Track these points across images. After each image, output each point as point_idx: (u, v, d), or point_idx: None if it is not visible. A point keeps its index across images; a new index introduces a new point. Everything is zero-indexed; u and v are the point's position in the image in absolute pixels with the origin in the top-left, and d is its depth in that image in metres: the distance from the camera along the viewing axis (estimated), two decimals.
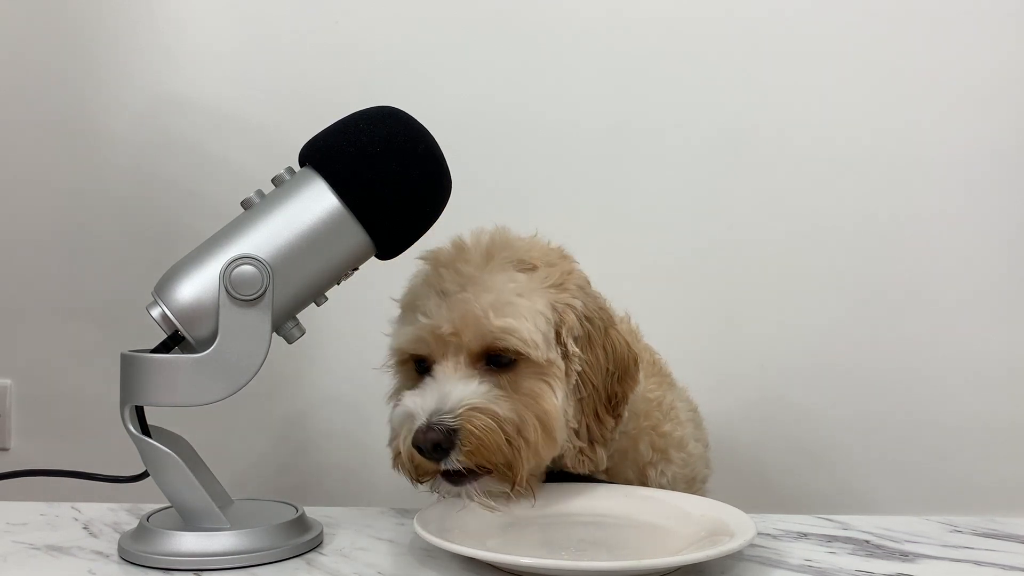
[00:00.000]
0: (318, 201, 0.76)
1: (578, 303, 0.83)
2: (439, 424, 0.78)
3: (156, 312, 0.75)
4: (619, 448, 0.90)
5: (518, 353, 0.81)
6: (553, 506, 0.85)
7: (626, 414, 0.87)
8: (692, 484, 0.96)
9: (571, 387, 0.82)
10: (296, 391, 1.48)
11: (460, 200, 0.85)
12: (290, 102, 1.46)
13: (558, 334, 0.82)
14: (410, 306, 0.86)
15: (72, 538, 0.82)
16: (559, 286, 0.84)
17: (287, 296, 0.76)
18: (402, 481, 0.95)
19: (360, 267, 0.81)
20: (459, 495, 0.81)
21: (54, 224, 1.50)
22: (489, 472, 0.80)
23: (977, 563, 0.77)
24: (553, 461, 0.85)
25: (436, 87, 1.45)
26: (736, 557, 0.76)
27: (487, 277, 0.82)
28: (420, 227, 0.80)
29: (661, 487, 0.92)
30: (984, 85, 1.43)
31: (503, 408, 0.79)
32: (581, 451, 0.84)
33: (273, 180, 0.79)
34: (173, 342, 0.75)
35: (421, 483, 0.83)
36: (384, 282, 0.90)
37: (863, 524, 0.88)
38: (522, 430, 0.80)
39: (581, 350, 0.83)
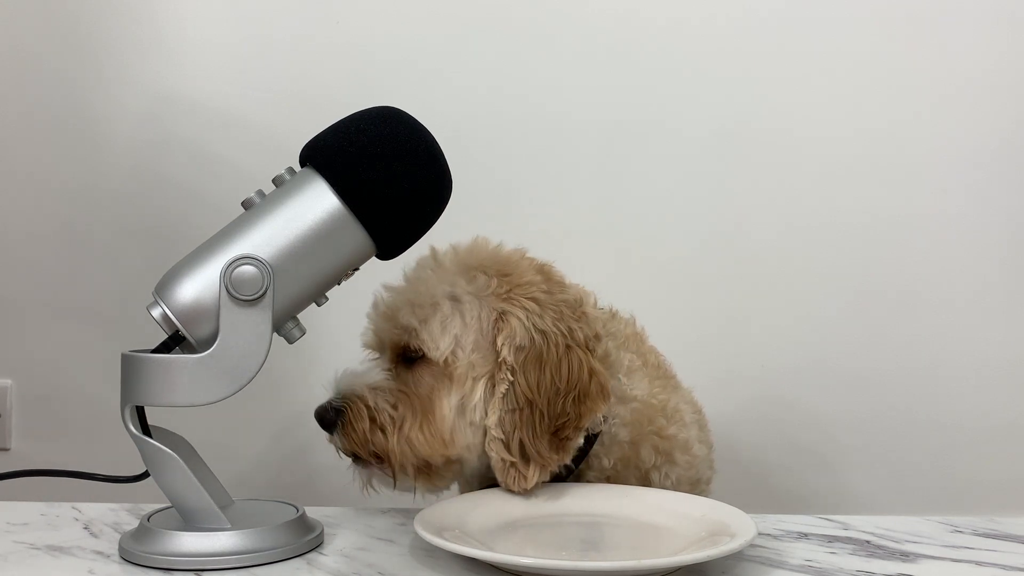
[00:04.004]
0: (319, 201, 0.76)
1: (522, 314, 0.83)
2: (329, 404, 0.85)
3: (157, 312, 0.75)
4: (622, 456, 0.90)
5: (421, 351, 0.84)
6: (553, 506, 0.85)
7: (580, 440, 0.85)
8: (696, 486, 0.95)
9: (501, 395, 0.82)
10: (296, 391, 1.47)
11: (461, 200, 0.85)
12: (290, 102, 1.46)
13: (495, 341, 0.83)
14: None
15: (72, 538, 0.82)
16: (504, 295, 0.84)
17: (288, 296, 0.76)
18: None
19: (361, 267, 0.81)
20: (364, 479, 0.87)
21: (54, 224, 1.50)
22: (370, 462, 0.85)
23: (977, 563, 0.77)
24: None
25: (437, 87, 1.45)
26: (737, 557, 0.76)
27: (428, 278, 0.87)
28: (421, 227, 0.80)
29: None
30: (984, 84, 1.43)
31: (379, 400, 0.84)
32: (513, 466, 0.83)
33: (274, 180, 0.79)
34: (174, 342, 0.75)
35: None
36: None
37: (863, 524, 0.88)
38: (401, 425, 0.83)
39: (522, 363, 0.82)
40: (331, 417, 0.85)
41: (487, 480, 0.88)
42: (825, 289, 1.45)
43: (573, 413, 0.83)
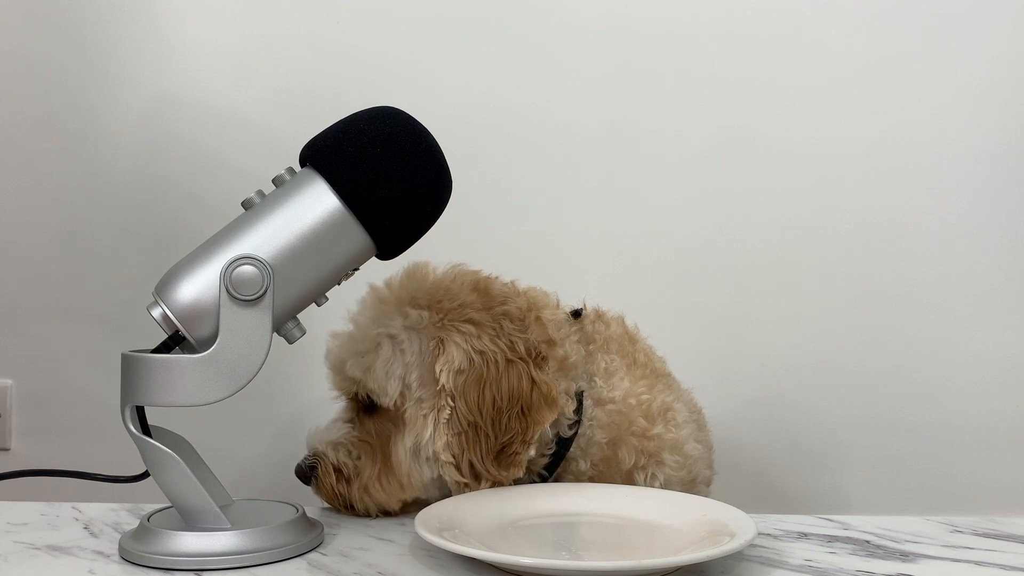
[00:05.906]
0: (319, 201, 0.76)
1: (459, 338, 0.84)
2: (304, 462, 0.91)
3: (157, 312, 0.75)
4: (602, 458, 0.91)
5: (371, 400, 0.88)
6: (553, 506, 0.85)
7: (531, 452, 0.85)
8: (692, 486, 0.95)
9: (445, 420, 0.84)
10: (296, 391, 1.48)
11: (461, 200, 0.85)
12: (290, 102, 1.46)
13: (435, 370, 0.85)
14: None
15: (73, 538, 0.82)
16: (439, 323, 0.86)
17: (288, 296, 0.76)
18: None
19: (361, 267, 0.81)
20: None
21: (54, 224, 1.50)
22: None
23: (977, 563, 0.77)
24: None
25: (437, 87, 1.45)
26: (737, 557, 0.76)
27: (368, 319, 0.89)
28: (421, 227, 0.80)
29: None
30: (984, 85, 1.43)
31: (340, 455, 0.88)
32: (467, 486, 0.84)
33: (274, 180, 0.79)
34: (174, 342, 0.75)
35: None
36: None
37: (863, 524, 0.88)
38: (360, 473, 0.88)
39: (462, 386, 0.83)
40: (307, 473, 0.90)
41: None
42: (825, 289, 1.45)
43: (518, 428, 0.84)
